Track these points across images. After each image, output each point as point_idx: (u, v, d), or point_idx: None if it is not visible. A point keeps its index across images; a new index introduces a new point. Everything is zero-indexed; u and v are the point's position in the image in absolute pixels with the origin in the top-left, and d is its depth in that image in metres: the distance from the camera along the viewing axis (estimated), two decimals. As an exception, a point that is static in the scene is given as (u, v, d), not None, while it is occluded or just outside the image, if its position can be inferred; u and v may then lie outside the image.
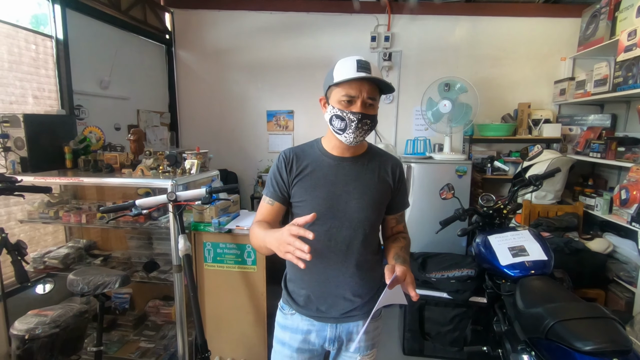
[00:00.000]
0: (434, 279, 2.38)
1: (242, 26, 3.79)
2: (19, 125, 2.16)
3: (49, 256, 2.30)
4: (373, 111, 1.11)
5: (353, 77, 1.05)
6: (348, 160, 1.18)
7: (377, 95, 1.11)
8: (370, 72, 1.06)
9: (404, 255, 1.16)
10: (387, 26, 3.57)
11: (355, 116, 1.07)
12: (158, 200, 1.76)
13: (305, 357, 1.23)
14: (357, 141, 1.12)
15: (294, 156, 1.19)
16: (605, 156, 2.65)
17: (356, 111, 1.07)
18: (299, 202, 1.18)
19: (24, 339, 1.42)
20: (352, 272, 1.16)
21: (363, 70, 1.05)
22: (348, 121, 1.08)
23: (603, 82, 2.75)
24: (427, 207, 3.00)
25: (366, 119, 1.08)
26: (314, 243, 1.15)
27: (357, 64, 1.07)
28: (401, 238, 1.25)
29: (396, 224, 1.28)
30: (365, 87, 1.07)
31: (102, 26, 3.06)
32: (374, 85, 1.08)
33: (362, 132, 1.10)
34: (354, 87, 1.07)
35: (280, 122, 3.90)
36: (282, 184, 1.19)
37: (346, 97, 1.07)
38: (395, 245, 1.20)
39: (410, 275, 1.02)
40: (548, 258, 1.86)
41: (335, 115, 1.10)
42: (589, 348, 1.22)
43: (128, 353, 2.25)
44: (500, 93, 3.55)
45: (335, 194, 1.15)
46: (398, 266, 1.01)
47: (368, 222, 1.16)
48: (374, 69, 1.08)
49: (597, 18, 2.98)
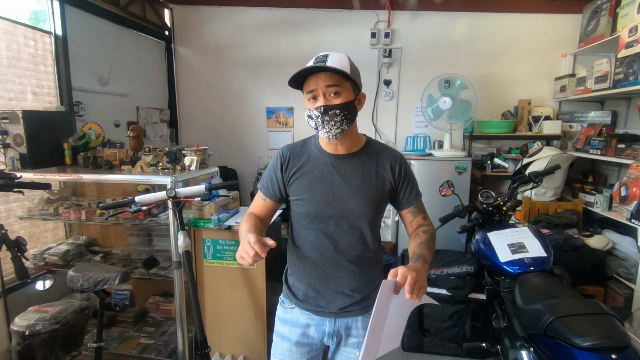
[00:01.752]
0: (434, 275, 2.39)
1: (241, 22, 3.77)
2: (18, 121, 2.16)
3: (49, 253, 2.30)
4: (340, 99, 1.06)
5: (298, 71, 1.05)
6: (344, 157, 1.16)
7: (341, 81, 1.06)
8: (325, 64, 1.03)
9: (421, 252, 1.09)
10: (387, 22, 3.56)
11: (318, 110, 1.05)
12: (157, 196, 1.76)
13: (304, 350, 1.24)
14: (334, 134, 1.08)
15: (290, 154, 1.20)
16: (605, 153, 2.65)
17: (318, 105, 1.05)
18: (297, 200, 1.18)
19: (24, 335, 1.43)
20: (351, 269, 1.17)
21: (318, 64, 1.03)
22: (315, 118, 1.07)
23: (604, 78, 2.74)
24: (427, 204, 2.93)
25: (331, 110, 1.05)
26: (312, 240, 1.18)
27: (314, 59, 1.06)
28: (421, 233, 1.18)
29: (413, 217, 1.23)
30: (322, 77, 1.05)
31: (101, 22, 3.05)
32: (332, 73, 1.04)
33: (335, 123, 1.06)
34: (311, 81, 1.06)
35: (280, 119, 3.89)
36: (276, 183, 1.21)
37: (309, 94, 1.07)
38: (414, 243, 1.15)
39: (412, 276, 0.90)
40: (547, 255, 1.86)
41: (308, 116, 1.10)
42: (588, 344, 1.22)
43: (128, 349, 2.26)
44: (501, 90, 3.53)
45: (332, 192, 1.14)
46: (401, 268, 0.92)
47: (365, 220, 1.15)
48: (334, 60, 1.04)
49: (598, 14, 2.97)
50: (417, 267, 1.00)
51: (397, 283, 0.91)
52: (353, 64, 1.10)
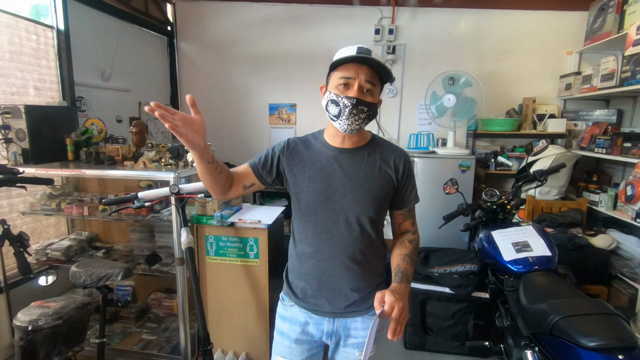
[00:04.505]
0: (437, 273, 2.38)
1: (244, 18, 3.75)
2: (21, 116, 2.15)
3: (51, 248, 2.30)
4: (371, 98, 1.06)
5: (350, 56, 1.02)
6: (347, 151, 1.14)
7: (377, 81, 1.07)
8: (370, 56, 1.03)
9: (405, 267, 1.10)
10: (391, 19, 3.53)
11: (350, 101, 1.03)
12: (161, 192, 1.75)
13: (304, 348, 1.23)
14: (352, 129, 1.07)
15: (296, 145, 1.18)
16: (610, 152, 2.63)
17: (352, 96, 1.03)
18: (296, 193, 1.16)
19: (27, 330, 1.42)
20: (349, 266, 1.14)
21: (363, 54, 1.02)
22: (342, 106, 1.04)
23: (610, 76, 2.71)
24: (430, 202, 2.99)
25: (362, 105, 1.04)
26: (310, 235, 1.16)
27: (357, 49, 1.04)
28: (407, 242, 1.18)
29: (403, 220, 1.23)
30: (364, 70, 1.03)
31: (103, 17, 3.03)
32: (373, 71, 1.05)
33: (357, 119, 1.05)
34: (351, 69, 1.04)
35: (283, 116, 3.88)
36: (270, 163, 1.18)
37: (343, 79, 1.04)
38: (398, 253, 1.16)
39: (399, 307, 0.92)
40: (552, 254, 1.85)
41: (331, 101, 1.07)
42: (594, 344, 1.21)
43: (130, 345, 2.26)
44: (505, 87, 3.51)
45: (332, 186, 1.12)
46: (388, 296, 0.93)
47: (365, 217, 1.12)
48: (376, 56, 1.05)
49: (605, 11, 2.94)
50: (401, 290, 1.02)
51: (385, 312, 0.92)
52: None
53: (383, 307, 0.93)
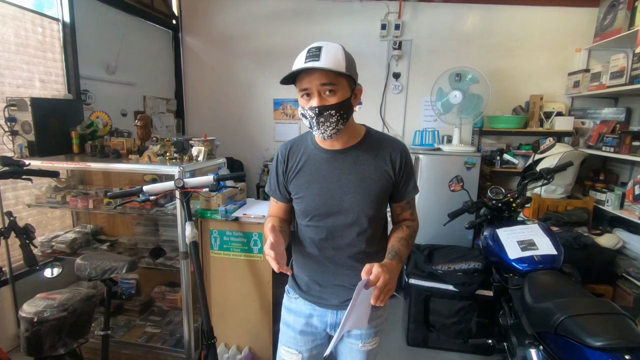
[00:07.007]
0: (440, 271, 2.37)
1: (250, 12, 3.73)
2: (27, 109, 2.15)
3: (57, 240, 2.32)
4: (335, 99, 0.99)
5: (296, 69, 0.98)
6: (340, 153, 1.12)
7: (337, 78, 0.98)
8: (319, 59, 0.95)
9: (399, 247, 1.10)
10: (398, 14, 3.49)
11: (312, 111, 1.00)
12: (166, 186, 1.75)
13: (308, 339, 1.25)
14: (329, 135, 1.04)
15: (288, 154, 1.18)
16: (619, 150, 2.60)
17: (313, 106, 0.99)
18: (297, 197, 1.17)
19: (32, 322, 1.43)
20: (350, 264, 1.16)
21: (311, 59, 0.96)
22: (310, 118, 1.02)
23: (620, 74, 2.67)
24: (435, 199, 2.98)
25: (327, 110, 0.99)
26: (311, 237, 1.17)
27: (306, 53, 0.98)
28: (404, 227, 1.18)
29: (402, 211, 1.22)
30: (316, 75, 0.97)
31: (109, 10, 3.03)
32: (328, 71, 0.96)
33: (330, 124, 1.01)
34: (304, 79, 0.99)
35: (287, 111, 3.86)
36: (283, 185, 1.21)
37: (302, 91, 1.02)
38: (395, 236, 1.15)
39: (384, 279, 0.91)
40: (558, 252, 1.84)
41: (301, 114, 1.06)
42: (600, 344, 1.20)
43: (134, 337, 2.27)
44: (512, 84, 3.47)
45: (330, 189, 1.11)
46: (376, 267, 0.93)
47: (365, 216, 1.11)
48: (328, 54, 0.96)
49: (615, 8, 2.89)
50: (391, 266, 1.01)
51: (370, 281, 0.92)
52: (349, 55, 1.02)
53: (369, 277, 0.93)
